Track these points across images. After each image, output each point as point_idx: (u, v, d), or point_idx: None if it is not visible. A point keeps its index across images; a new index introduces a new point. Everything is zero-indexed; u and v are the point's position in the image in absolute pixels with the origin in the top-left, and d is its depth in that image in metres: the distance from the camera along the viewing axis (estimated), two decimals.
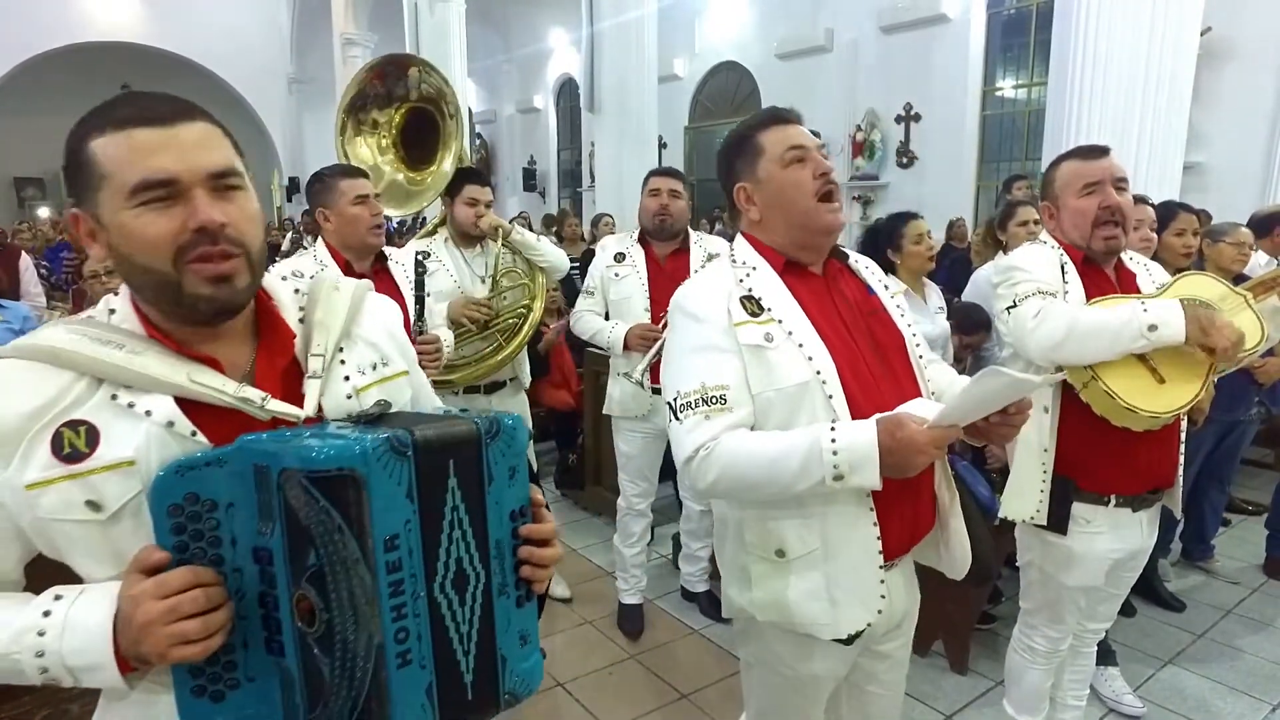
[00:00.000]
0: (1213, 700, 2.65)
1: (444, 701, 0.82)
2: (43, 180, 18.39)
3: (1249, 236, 3.27)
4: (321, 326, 0.94)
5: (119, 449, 0.81)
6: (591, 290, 3.01)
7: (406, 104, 3.03)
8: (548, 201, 17.33)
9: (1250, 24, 7.32)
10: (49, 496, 0.80)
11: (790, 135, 1.41)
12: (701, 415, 1.31)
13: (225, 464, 0.79)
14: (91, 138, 0.83)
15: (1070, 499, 1.86)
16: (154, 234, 0.81)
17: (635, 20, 8.92)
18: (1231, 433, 3.31)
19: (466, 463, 0.84)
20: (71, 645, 0.78)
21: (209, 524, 0.79)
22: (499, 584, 0.88)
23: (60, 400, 0.81)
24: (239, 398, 0.85)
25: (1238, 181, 7.27)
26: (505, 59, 17.78)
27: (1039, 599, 2.02)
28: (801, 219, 1.40)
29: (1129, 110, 4.51)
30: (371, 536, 0.75)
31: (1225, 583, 3.48)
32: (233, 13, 17.11)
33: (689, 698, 2.64)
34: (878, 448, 1.22)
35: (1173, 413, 1.72)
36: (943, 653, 2.87)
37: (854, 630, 1.37)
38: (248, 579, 0.80)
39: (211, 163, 0.84)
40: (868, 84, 10.47)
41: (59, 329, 0.84)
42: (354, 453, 0.74)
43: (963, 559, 1.48)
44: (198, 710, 0.81)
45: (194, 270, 0.82)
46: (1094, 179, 1.80)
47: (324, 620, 0.76)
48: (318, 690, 0.78)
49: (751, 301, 1.36)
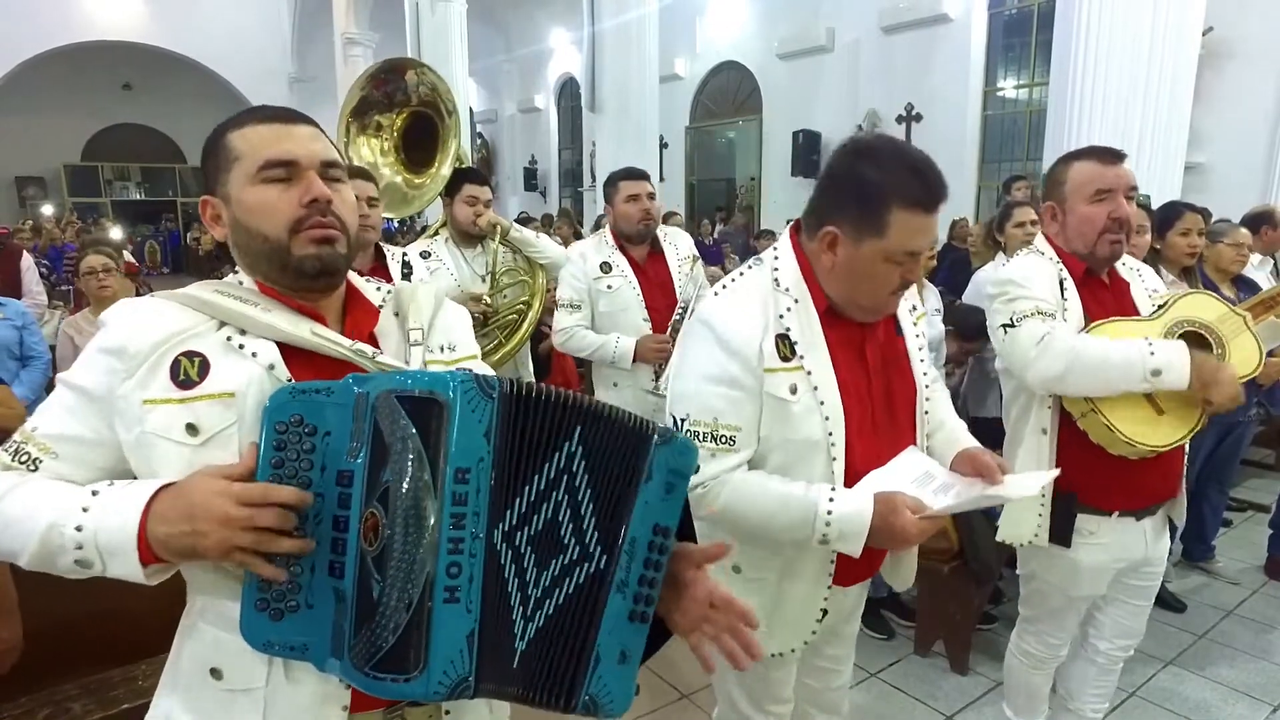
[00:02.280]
0: (1214, 702, 2.65)
1: (486, 657, 0.81)
2: (44, 179, 18.39)
3: (1247, 237, 3.27)
4: (416, 310, 1.07)
5: (224, 382, 0.91)
6: (578, 304, 2.82)
7: (408, 109, 3.04)
8: (549, 201, 17.33)
9: (1251, 24, 7.31)
10: (158, 414, 0.90)
11: (918, 235, 1.27)
12: (708, 451, 1.30)
13: (332, 394, 0.85)
14: (229, 131, 0.98)
15: (1074, 512, 1.81)
16: (274, 204, 0.95)
17: (636, 20, 8.92)
18: (1231, 434, 3.32)
19: (605, 441, 0.87)
20: (110, 523, 0.85)
21: (305, 447, 0.85)
22: (619, 579, 0.88)
23: (187, 331, 0.93)
24: (354, 350, 0.96)
25: (1239, 182, 7.26)
26: (506, 58, 17.78)
27: (1040, 608, 1.99)
28: (868, 301, 1.35)
29: (1130, 110, 4.51)
30: (445, 461, 0.78)
31: (1226, 583, 3.48)
32: (234, 12, 17.10)
33: (689, 698, 2.64)
34: (869, 527, 1.26)
35: (1171, 445, 1.68)
36: (943, 653, 2.87)
37: (779, 652, 1.46)
38: (326, 504, 0.84)
39: (324, 152, 0.99)
40: (869, 84, 10.48)
41: (203, 287, 0.97)
42: (443, 380, 0.79)
43: (907, 576, 1.56)
44: (257, 624, 0.85)
45: (303, 236, 0.95)
46: (1108, 186, 1.73)
47: (385, 537, 0.78)
48: (365, 611, 0.79)
49: (785, 343, 1.32)
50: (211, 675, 0.94)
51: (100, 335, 0.95)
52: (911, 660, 2.88)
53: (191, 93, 18.32)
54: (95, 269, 3.40)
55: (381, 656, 0.78)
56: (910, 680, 2.77)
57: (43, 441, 0.93)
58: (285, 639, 0.84)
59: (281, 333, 0.94)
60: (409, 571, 0.77)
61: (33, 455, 0.93)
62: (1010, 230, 3.44)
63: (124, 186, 19.90)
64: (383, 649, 0.78)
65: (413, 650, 0.78)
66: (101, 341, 0.94)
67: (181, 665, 0.99)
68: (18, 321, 3.02)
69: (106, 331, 0.94)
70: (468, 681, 0.80)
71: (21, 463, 0.93)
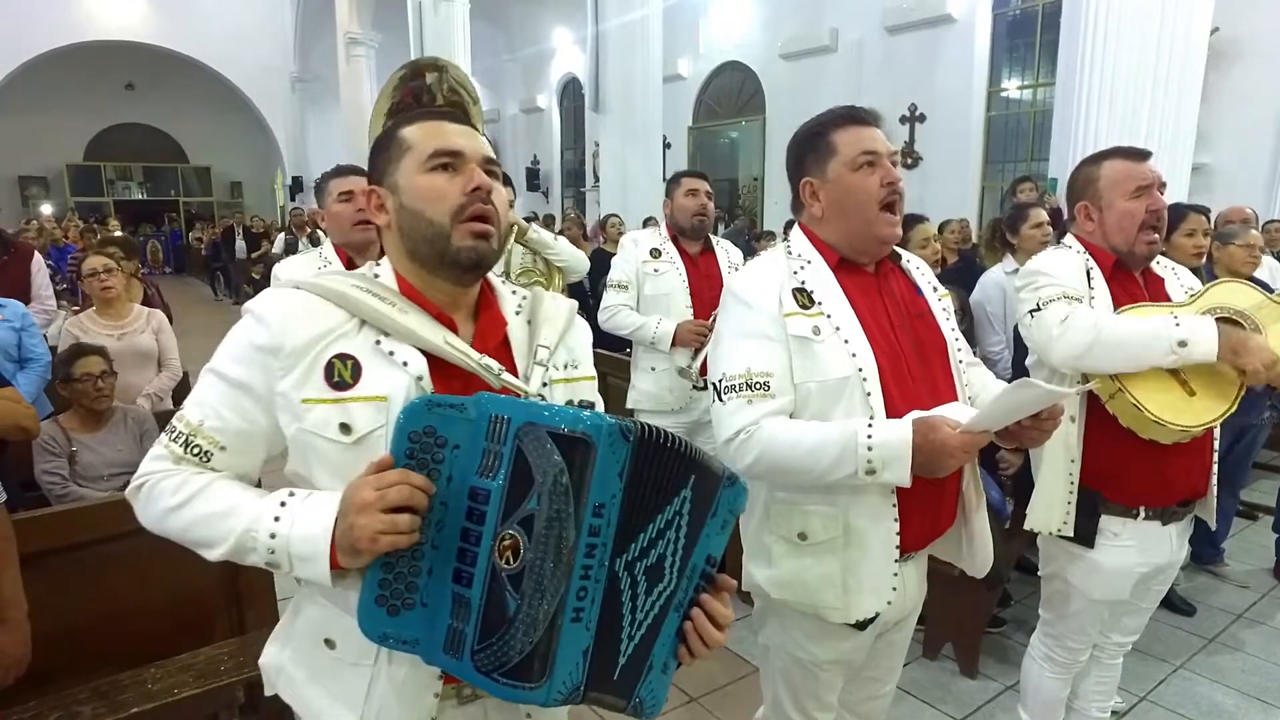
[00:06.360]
0: (1224, 705, 2.64)
1: (594, 670, 0.89)
2: (46, 179, 18.41)
3: (1259, 239, 3.26)
4: (549, 324, 1.12)
5: (376, 386, 0.97)
6: (625, 284, 2.98)
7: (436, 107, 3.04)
8: (551, 201, 17.34)
9: (1258, 24, 7.30)
10: (315, 413, 0.97)
11: (865, 139, 1.41)
12: (744, 399, 1.37)
13: (464, 410, 0.89)
14: (401, 127, 1.07)
15: (1098, 511, 1.80)
16: (442, 189, 1.02)
17: (640, 20, 8.92)
18: (1244, 437, 3.31)
19: (704, 486, 0.96)
20: (300, 532, 0.92)
21: (435, 456, 0.90)
22: (678, 600, 0.97)
23: (335, 331, 0.99)
24: (481, 364, 1.00)
25: (1245, 182, 7.25)
26: (509, 58, 17.79)
27: (1062, 610, 1.97)
28: (861, 226, 1.42)
29: (1137, 111, 4.50)
30: (587, 497, 0.84)
31: (1235, 586, 3.47)
32: (236, 11, 17.12)
33: (698, 700, 2.63)
34: (911, 447, 1.27)
35: (1203, 426, 1.66)
36: (953, 656, 2.86)
37: (863, 617, 1.42)
38: (451, 513, 0.89)
39: (485, 149, 1.08)
40: (872, 84, 10.45)
41: (345, 282, 1.02)
42: (593, 423, 0.84)
43: (984, 559, 1.52)
44: (374, 616, 0.90)
45: (463, 228, 1.02)
46: (1146, 181, 1.75)
47: (526, 560, 0.84)
48: (495, 623, 0.86)
49: (803, 294, 1.40)
50: (326, 644, 1.03)
51: (252, 329, 0.99)
52: (921, 664, 2.87)
53: (194, 92, 18.36)
54: (97, 270, 3.42)
55: (511, 666, 0.85)
56: (920, 684, 2.75)
57: (211, 435, 1.00)
58: (400, 633, 0.90)
59: (417, 338, 0.99)
60: (546, 592, 0.84)
61: (204, 449, 1.00)
62: (1027, 231, 3.42)
63: (126, 186, 19.93)
64: (512, 660, 0.85)
65: (538, 661, 0.85)
66: (255, 337, 0.98)
67: (298, 626, 1.09)
68: (17, 323, 2.99)
69: (259, 327, 0.98)
70: (579, 691, 0.89)
71: (195, 455, 1.00)
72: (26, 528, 1.83)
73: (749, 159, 13.23)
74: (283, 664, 1.09)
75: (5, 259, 3.87)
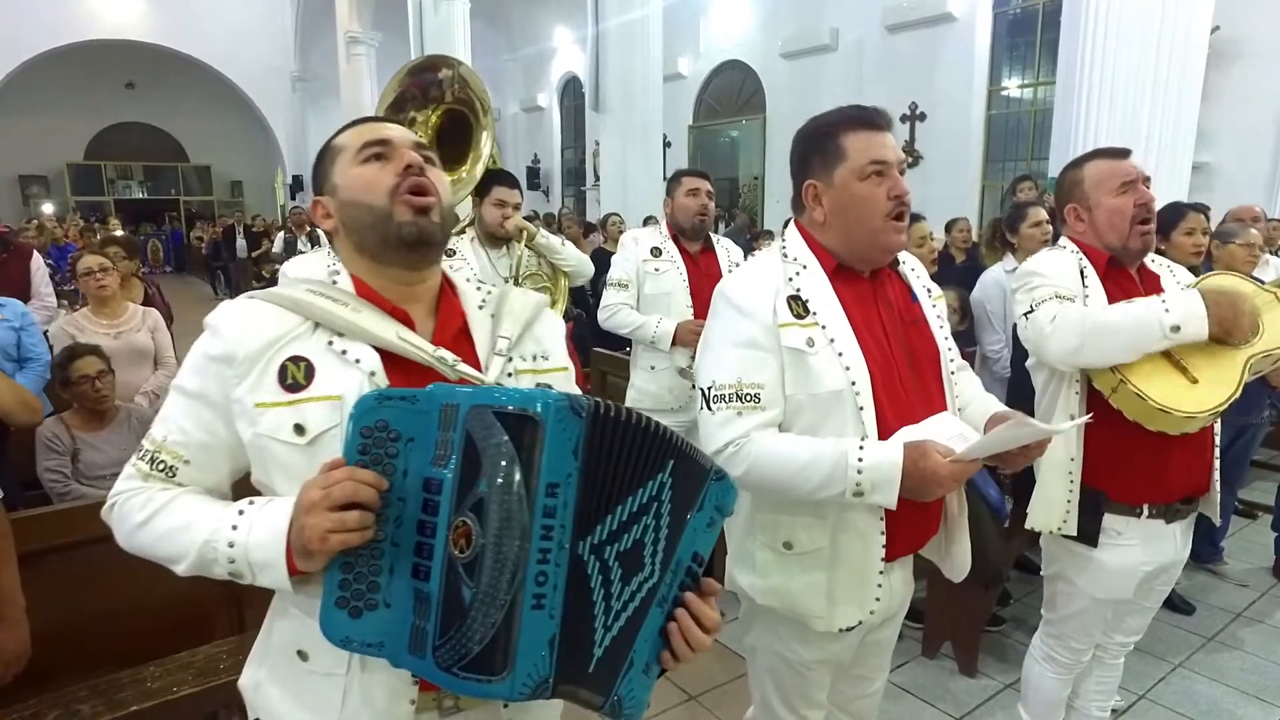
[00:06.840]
0: (1224, 704, 2.64)
1: (564, 660, 0.84)
2: (47, 178, 18.41)
3: (1259, 238, 3.26)
4: (511, 316, 1.11)
5: (330, 386, 0.97)
6: (625, 283, 2.98)
7: (443, 105, 3.04)
8: (551, 200, 17.33)
9: (1258, 23, 7.29)
10: (269, 417, 0.96)
11: (875, 146, 1.37)
12: (734, 410, 1.34)
13: (416, 402, 0.88)
14: (332, 140, 1.10)
15: (1101, 510, 1.80)
16: (375, 175, 1.03)
17: (640, 19, 8.92)
18: (1242, 435, 3.31)
19: (687, 475, 0.94)
20: (256, 540, 0.92)
21: (390, 451, 0.88)
22: (662, 594, 0.94)
23: (288, 335, 0.99)
24: (435, 357, 1.00)
25: (1245, 182, 7.24)
26: (509, 57, 17.78)
27: (1064, 610, 1.96)
28: (867, 236, 1.39)
29: (1138, 110, 4.49)
30: (538, 477, 0.81)
31: (1234, 585, 3.47)
32: (236, 11, 17.11)
33: (697, 699, 2.64)
34: (901, 472, 1.26)
35: (1209, 411, 1.65)
36: (952, 655, 2.86)
37: (847, 625, 1.43)
38: (409, 508, 0.87)
39: (413, 136, 1.10)
40: (872, 83, 10.44)
41: (300, 288, 1.03)
42: (538, 399, 0.82)
43: (962, 565, 1.52)
44: (336, 620, 0.87)
45: (403, 202, 1.02)
46: (1129, 177, 1.78)
47: (479, 546, 0.81)
48: (453, 615, 0.82)
49: (798, 302, 1.37)
50: (299, 656, 1.01)
51: (207, 341, 1.00)
52: (920, 662, 2.87)
53: (194, 92, 18.35)
54: (92, 269, 3.42)
55: (470, 659, 0.81)
56: (919, 683, 2.76)
57: (175, 449, 1.01)
58: (363, 636, 0.87)
59: (369, 334, 0.99)
60: (502, 578, 0.81)
61: (169, 464, 1.01)
62: (1027, 230, 3.43)
63: (126, 185, 19.93)
64: (471, 651, 0.81)
65: (499, 653, 0.81)
66: (209, 348, 0.99)
67: (273, 640, 1.07)
68: (16, 323, 2.99)
69: (213, 338, 0.99)
70: (547, 683, 0.84)
71: (161, 471, 1.01)
72: (26, 526, 1.83)
73: (749, 158, 13.22)
74: (259, 681, 1.07)
75: (4, 257, 3.88)
